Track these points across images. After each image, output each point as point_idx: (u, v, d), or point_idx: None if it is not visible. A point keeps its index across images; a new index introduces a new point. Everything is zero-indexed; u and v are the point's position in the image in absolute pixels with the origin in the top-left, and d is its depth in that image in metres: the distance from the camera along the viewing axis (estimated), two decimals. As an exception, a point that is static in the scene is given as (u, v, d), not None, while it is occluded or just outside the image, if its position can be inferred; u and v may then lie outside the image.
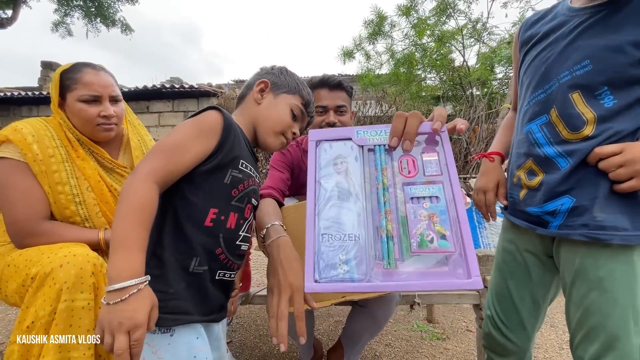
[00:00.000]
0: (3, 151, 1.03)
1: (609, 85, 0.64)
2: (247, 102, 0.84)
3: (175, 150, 0.63)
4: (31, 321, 0.88)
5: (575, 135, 0.67)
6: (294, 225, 0.88)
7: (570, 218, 0.67)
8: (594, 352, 0.64)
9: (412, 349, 1.61)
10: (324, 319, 1.92)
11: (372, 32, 5.75)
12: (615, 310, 0.62)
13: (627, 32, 0.63)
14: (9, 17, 5.20)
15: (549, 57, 0.72)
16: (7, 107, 6.06)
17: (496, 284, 0.86)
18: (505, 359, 0.85)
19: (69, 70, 1.11)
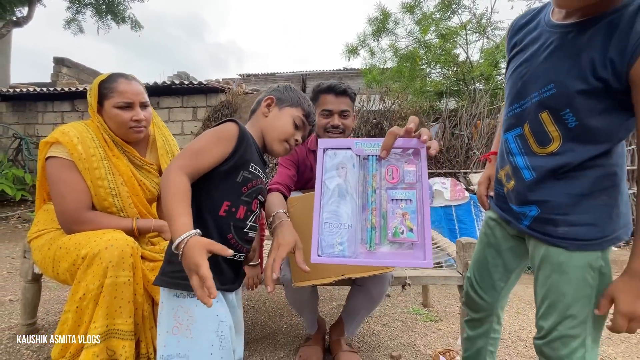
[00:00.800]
0: (54, 151, 1.21)
1: (570, 108, 0.70)
2: (257, 115, 0.98)
3: (200, 152, 0.79)
4: (83, 293, 1.06)
5: (543, 150, 0.76)
6: (297, 213, 1.07)
7: (535, 223, 0.80)
8: (553, 322, 0.77)
9: (406, 328, 1.78)
10: (327, 303, 2.09)
11: (376, 29, 5.82)
12: (570, 289, 0.75)
13: (588, 57, 0.67)
14: (25, 15, 5.37)
15: (525, 74, 0.78)
16: (23, 103, 6.27)
17: (477, 252, 1.02)
18: (477, 314, 1.03)
19: (106, 80, 1.28)
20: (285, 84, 1.03)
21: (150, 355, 1.18)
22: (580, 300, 0.74)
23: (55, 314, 1.78)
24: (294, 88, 1.01)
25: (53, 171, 1.21)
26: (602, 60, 0.65)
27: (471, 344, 1.07)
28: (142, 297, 1.15)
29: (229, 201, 0.83)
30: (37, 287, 1.51)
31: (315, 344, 1.42)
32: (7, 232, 4.19)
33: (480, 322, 1.03)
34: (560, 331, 0.76)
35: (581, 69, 0.67)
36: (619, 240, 0.75)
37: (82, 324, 1.07)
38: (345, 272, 1.10)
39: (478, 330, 1.04)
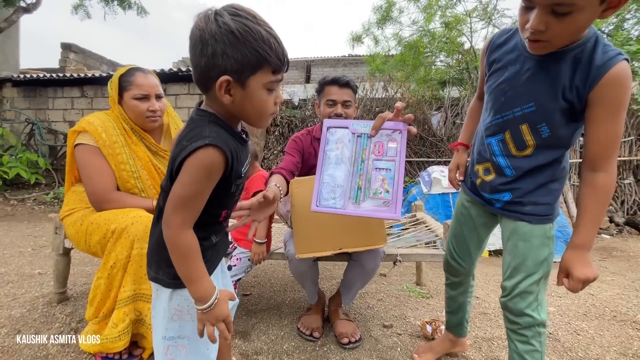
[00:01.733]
0: (81, 139, 1.36)
1: (546, 122, 0.88)
2: (214, 96, 0.69)
3: (195, 198, 0.68)
4: (113, 262, 1.22)
5: (520, 153, 0.95)
6: (300, 193, 1.26)
7: (507, 205, 1.01)
8: (516, 281, 0.97)
9: (399, 303, 1.95)
10: (327, 280, 2.27)
11: (381, 17, 5.83)
12: (532, 253, 0.95)
13: (560, 83, 0.83)
14: (34, 2, 5.45)
15: (507, 91, 0.94)
16: (33, 88, 6.40)
17: (454, 227, 1.24)
18: (457, 278, 1.26)
19: (125, 74, 1.42)
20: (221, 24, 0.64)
21: None
22: (538, 263, 0.95)
23: (81, 286, 1.97)
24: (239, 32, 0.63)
25: (82, 157, 1.36)
26: (570, 86, 0.83)
27: (453, 301, 1.29)
28: None
29: (226, 209, 0.80)
30: (67, 260, 1.69)
31: (316, 313, 1.59)
32: (25, 213, 4.41)
33: (460, 283, 1.26)
34: (520, 288, 0.96)
35: (555, 93, 0.85)
36: (558, 215, 1.00)
37: (113, 289, 1.23)
38: (342, 246, 1.26)
39: (458, 290, 1.27)
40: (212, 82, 0.67)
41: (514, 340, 0.99)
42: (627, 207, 4.53)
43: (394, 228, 2.14)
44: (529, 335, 0.95)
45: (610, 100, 0.79)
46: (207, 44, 0.64)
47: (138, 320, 1.24)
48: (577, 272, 0.85)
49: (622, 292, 2.24)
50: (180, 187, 0.66)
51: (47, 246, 2.82)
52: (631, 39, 5.52)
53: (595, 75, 0.79)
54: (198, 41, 0.65)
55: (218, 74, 0.65)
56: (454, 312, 1.30)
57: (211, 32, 0.63)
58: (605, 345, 1.53)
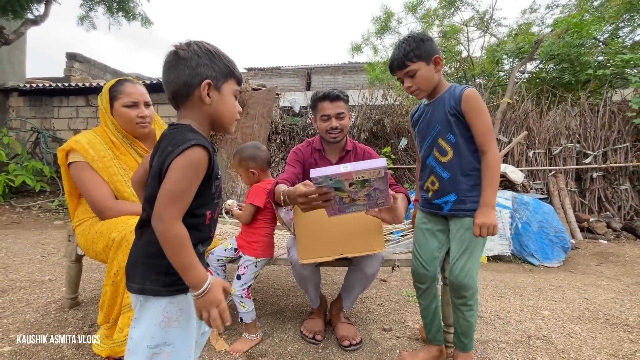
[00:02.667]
0: (71, 157, 1.46)
1: (450, 131, 1.26)
2: (193, 103, 0.82)
3: (184, 193, 0.74)
4: (116, 269, 1.28)
5: (446, 158, 1.28)
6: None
7: (455, 205, 1.28)
8: (464, 262, 1.25)
9: (399, 307, 2.01)
10: (329, 286, 2.33)
11: (380, 27, 5.96)
12: (475, 240, 1.24)
13: (445, 108, 1.27)
14: (42, 14, 5.59)
15: (423, 128, 1.37)
16: (39, 98, 6.52)
17: (417, 237, 1.42)
18: (424, 285, 1.38)
19: (114, 84, 1.54)
20: (201, 45, 0.82)
21: None
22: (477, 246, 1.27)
23: (90, 291, 2.04)
24: (216, 51, 0.83)
25: (75, 174, 1.45)
26: (450, 108, 1.26)
27: (427, 310, 1.41)
28: None
29: (209, 210, 0.84)
30: (79, 267, 1.76)
31: (318, 317, 1.65)
32: (31, 220, 4.49)
33: (428, 290, 1.39)
34: (467, 267, 1.25)
35: (445, 114, 1.27)
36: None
37: (119, 295, 1.29)
38: (342, 252, 1.34)
39: (429, 297, 1.40)
40: (193, 89, 0.80)
41: (462, 310, 1.28)
42: (624, 213, 4.59)
43: (393, 234, 2.21)
44: (472, 304, 1.27)
45: (473, 109, 1.21)
46: (190, 58, 0.80)
47: None
48: (476, 219, 1.18)
49: (617, 296, 2.30)
50: (171, 183, 0.73)
51: (55, 253, 2.89)
52: (626, 47, 5.64)
53: (458, 98, 1.24)
54: (180, 58, 0.80)
55: (200, 80, 0.80)
56: (432, 321, 1.41)
57: (193, 50, 0.80)
58: (597, 347, 1.59)
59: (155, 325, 0.78)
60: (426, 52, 1.25)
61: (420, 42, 1.25)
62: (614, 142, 4.77)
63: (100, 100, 1.53)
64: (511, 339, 1.65)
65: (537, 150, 4.83)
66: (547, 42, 5.55)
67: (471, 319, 1.28)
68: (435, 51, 1.27)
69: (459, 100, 1.23)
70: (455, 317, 1.31)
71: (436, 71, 1.28)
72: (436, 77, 1.29)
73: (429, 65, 1.26)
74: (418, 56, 1.25)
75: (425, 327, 1.44)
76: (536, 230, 3.39)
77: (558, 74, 5.72)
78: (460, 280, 1.25)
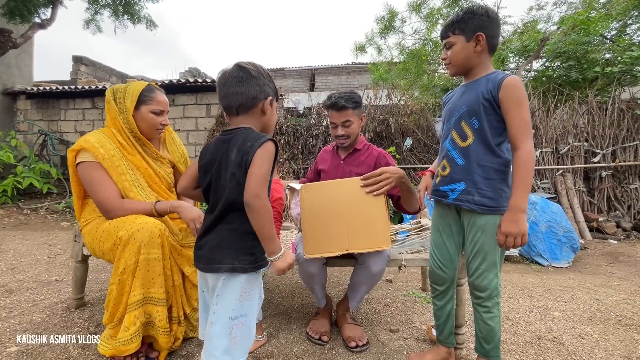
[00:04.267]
0: (81, 157, 1.45)
1: (475, 116, 1.18)
2: (255, 113, 1.02)
3: (268, 175, 0.94)
4: (123, 268, 1.28)
5: (465, 143, 1.20)
6: (308, 198, 1.38)
7: (461, 195, 1.21)
8: (478, 263, 1.21)
9: (405, 308, 1.98)
10: (335, 287, 2.31)
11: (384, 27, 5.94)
12: (488, 242, 1.18)
13: (479, 91, 1.17)
14: (49, 18, 5.65)
15: (449, 108, 1.29)
16: (46, 100, 6.60)
17: (434, 237, 1.36)
18: (442, 287, 1.35)
19: (146, 89, 1.53)
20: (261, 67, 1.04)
21: (180, 318, 1.42)
22: (494, 248, 1.19)
23: (96, 292, 2.04)
24: (268, 74, 1.05)
25: (84, 173, 1.44)
26: (486, 91, 1.16)
27: (441, 312, 1.37)
28: (171, 270, 1.38)
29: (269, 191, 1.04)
30: (85, 267, 1.76)
31: (324, 317, 1.64)
32: (38, 222, 4.53)
33: (446, 292, 1.35)
34: (482, 269, 1.20)
35: (477, 97, 1.17)
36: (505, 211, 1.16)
37: (125, 294, 1.28)
38: (348, 248, 1.33)
39: (445, 299, 1.36)
40: (258, 102, 1.02)
41: (479, 311, 1.23)
42: (634, 212, 4.51)
43: (399, 234, 2.18)
44: (490, 305, 1.21)
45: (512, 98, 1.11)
46: (259, 78, 1.02)
47: (148, 323, 1.30)
48: (503, 227, 1.11)
49: (629, 297, 2.25)
50: (259, 168, 0.92)
51: (61, 254, 2.91)
52: (634, 44, 5.56)
53: (497, 85, 1.13)
54: (251, 76, 1.01)
55: (265, 96, 1.03)
56: (445, 322, 1.37)
57: (260, 71, 1.03)
58: (610, 349, 1.55)
59: (235, 299, 0.94)
60: (471, 27, 1.16)
61: (470, 15, 1.17)
62: (623, 140, 4.69)
63: (120, 99, 1.52)
64: (521, 340, 1.62)
65: (545, 149, 4.77)
66: (554, 39, 5.49)
67: (491, 322, 1.21)
68: (483, 27, 1.16)
69: (498, 86, 1.12)
70: (475, 318, 1.27)
71: (475, 51, 1.17)
72: (474, 56, 1.19)
73: (468, 42, 1.18)
74: (461, 29, 1.18)
75: (437, 328, 1.41)
76: (544, 230, 3.34)
77: (565, 72, 5.65)
78: (473, 281, 1.23)
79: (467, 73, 1.25)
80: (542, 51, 5.54)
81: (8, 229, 4.07)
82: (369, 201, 1.35)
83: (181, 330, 1.42)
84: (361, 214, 1.34)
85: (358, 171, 1.60)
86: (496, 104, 1.14)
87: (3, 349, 1.40)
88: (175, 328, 1.40)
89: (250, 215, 0.91)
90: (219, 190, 0.97)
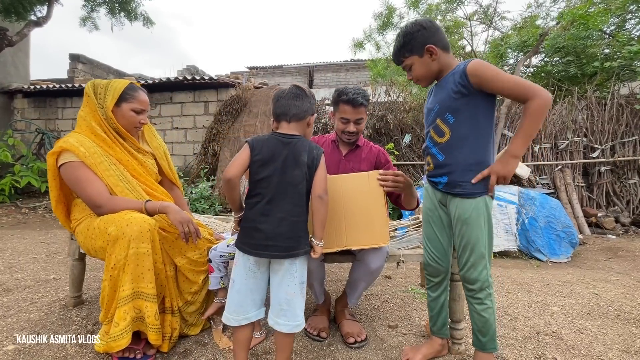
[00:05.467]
0: (63, 158, 1.44)
1: (449, 111, 1.22)
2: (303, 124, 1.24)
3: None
4: (114, 263, 1.28)
5: (442, 139, 1.25)
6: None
7: (446, 186, 1.26)
8: (467, 257, 1.23)
9: (404, 304, 1.98)
10: (333, 283, 2.31)
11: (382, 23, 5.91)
12: (474, 234, 1.21)
13: (446, 89, 1.22)
14: (44, 15, 5.61)
15: (427, 109, 1.34)
16: (43, 99, 6.57)
17: (426, 230, 1.40)
18: (437, 278, 1.38)
19: (129, 87, 1.55)
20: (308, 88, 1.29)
21: (173, 308, 1.43)
22: (482, 239, 1.23)
23: (94, 290, 2.04)
24: (314, 96, 1.30)
25: (68, 174, 1.42)
26: (454, 85, 1.19)
27: (435, 302, 1.39)
28: (162, 264, 1.38)
29: None
30: (83, 265, 1.75)
31: (322, 314, 1.63)
32: (36, 221, 4.52)
33: (440, 283, 1.38)
34: (471, 262, 1.23)
35: (447, 93, 1.22)
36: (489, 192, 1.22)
37: (117, 289, 1.27)
38: (346, 244, 1.32)
39: (439, 290, 1.39)
40: (307, 115, 1.24)
41: (472, 303, 1.26)
42: (632, 207, 4.52)
43: (398, 230, 2.18)
44: (482, 297, 1.23)
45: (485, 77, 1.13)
46: (310, 98, 1.26)
47: (139, 318, 1.29)
48: (492, 166, 1.17)
49: (627, 291, 2.26)
50: (323, 170, 1.18)
51: (59, 253, 2.90)
52: (633, 39, 5.54)
53: (462, 72, 1.17)
54: (306, 95, 1.25)
55: (312, 113, 1.26)
56: (438, 314, 1.40)
57: (311, 93, 1.29)
58: (608, 343, 1.55)
59: (304, 269, 1.19)
60: (417, 45, 1.23)
61: (409, 36, 1.24)
62: (622, 136, 4.69)
63: (101, 94, 1.51)
64: (520, 335, 1.62)
65: (543, 145, 4.77)
66: (553, 34, 5.47)
67: (485, 313, 1.24)
68: (428, 40, 1.22)
69: (464, 75, 1.16)
70: (469, 311, 1.29)
71: (432, 60, 1.24)
72: (434, 64, 1.25)
73: (422, 57, 1.24)
74: (409, 51, 1.25)
75: (430, 319, 1.43)
76: (543, 225, 3.34)
77: (564, 67, 5.63)
78: (464, 274, 1.26)
79: (437, 77, 1.30)
80: (541, 46, 5.52)
81: (6, 227, 4.06)
82: (367, 198, 1.34)
83: (176, 320, 1.43)
84: (360, 211, 1.34)
85: (360, 168, 1.60)
86: (470, 91, 1.17)
87: (0, 347, 1.39)
88: (170, 318, 1.41)
89: (319, 206, 1.15)
90: (284, 184, 1.14)
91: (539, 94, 1.07)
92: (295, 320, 1.15)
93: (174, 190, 1.78)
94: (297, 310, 1.16)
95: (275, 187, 1.13)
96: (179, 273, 1.48)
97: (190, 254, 1.48)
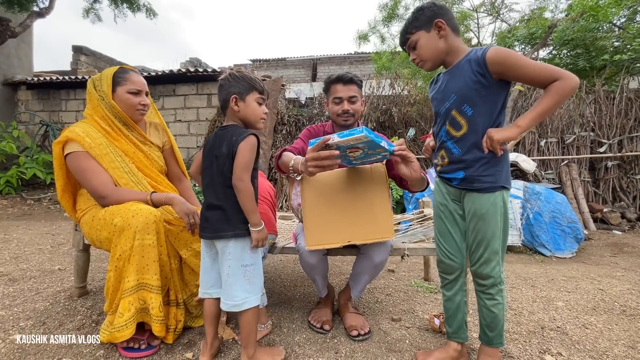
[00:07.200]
0: (69, 148, 1.43)
1: (467, 103, 1.14)
2: (230, 111, 1.25)
3: (250, 163, 1.18)
4: (119, 254, 1.28)
5: (458, 132, 1.17)
6: (310, 188, 1.34)
7: (462, 182, 1.19)
8: (480, 252, 1.19)
9: (408, 298, 1.98)
10: (336, 276, 2.31)
11: (387, 15, 5.82)
12: (489, 230, 1.16)
13: (464, 78, 1.14)
14: (47, 6, 5.58)
15: (438, 99, 1.25)
16: (47, 91, 6.57)
17: (438, 226, 1.32)
18: (452, 276, 1.30)
19: (119, 71, 1.54)
20: (230, 73, 1.27)
21: (178, 301, 1.43)
22: (495, 235, 1.18)
23: (99, 281, 2.05)
24: (240, 75, 1.26)
25: (74, 164, 1.42)
26: (473, 74, 1.12)
27: (451, 302, 1.31)
28: (167, 256, 1.38)
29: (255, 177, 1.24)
30: (87, 256, 1.76)
31: (326, 306, 1.63)
32: (41, 212, 4.55)
33: (455, 280, 1.30)
34: (485, 257, 1.19)
35: (466, 83, 1.14)
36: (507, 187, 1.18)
37: (122, 280, 1.28)
38: (350, 239, 1.30)
39: (454, 288, 1.31)
40: (228, 101, 1.23)
41: (482, 298, 1.23)
42: (639, 203, 4.47)
43: (402, 224, 2.17)
44: (494, 293, 1.20)
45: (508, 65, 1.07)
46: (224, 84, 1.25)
47: (143, 310, 1.29)
48: (490, 132, 1.10)
49: (633, 287, 2.24)
50: (242, 157, 1.16)
51: (64, 243, 2.92)
52: (644, 31, 5.42)
53: (482, 58, 1.10)
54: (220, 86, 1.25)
55: (232, 93, 1.23)
56: (454, 315, 1.31)
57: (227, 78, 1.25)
58: (614, 339, 1.54)
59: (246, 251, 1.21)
60: (426, 19, 1.16)
61: (419, 12, 1.18)
62: (630, 130, 4.62)
63: (99, 85, 1.51)
64: (524, 330, 1.61)
65: (550, 139, 4.71)
66: (561, 26, 5.36)
67: (495, 309, 1.20)
68: (437, 15, 1.15)
69: (483, 64, 1.09)
70: (478, 306, 1.25)
71: (440, 36, 1.16)
72: (441, 43, 1.17)
73: (429, 32, 1.17)
74: (417, 26, 1.19)
75: (446, 320, 1.34)
76: (548, 220, 3.31)
77: (572, 60, 5.54)
78: (476, 269, 1.21)
79: (444, 62, 1.22)
80: (549, 39, 5.42)
81: (12, 219, 4.10)
82: (371, 191, 1.32)
83: (181, 312, 1.43)
84: (363, 204, 1.32)
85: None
86: (490, 81, 1.11)
87: (7, 336, 1.40)
88: (175, 310, 1.41)
89: (237, 194, 1.16)
90: (213, 174, 1.21)
91: (568, 75, 1.02)
92: (232, 300, 1.18)
93: (183, 182, 1.77)
94: (234, 291, 1.19)
95: (208, 177, 1.23)
96: (184, 265, 1.48)
97: (195, 246, 1.48)
